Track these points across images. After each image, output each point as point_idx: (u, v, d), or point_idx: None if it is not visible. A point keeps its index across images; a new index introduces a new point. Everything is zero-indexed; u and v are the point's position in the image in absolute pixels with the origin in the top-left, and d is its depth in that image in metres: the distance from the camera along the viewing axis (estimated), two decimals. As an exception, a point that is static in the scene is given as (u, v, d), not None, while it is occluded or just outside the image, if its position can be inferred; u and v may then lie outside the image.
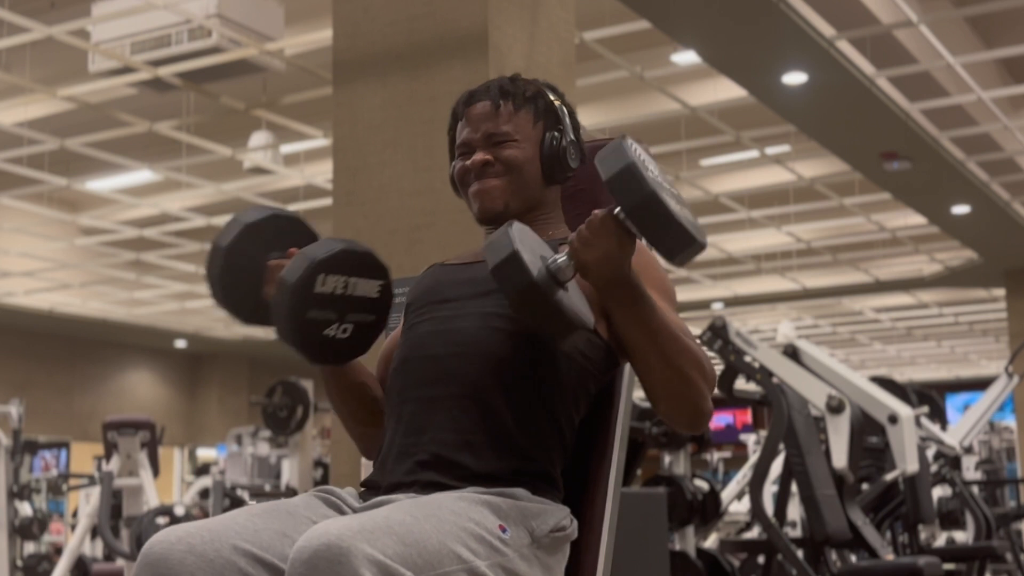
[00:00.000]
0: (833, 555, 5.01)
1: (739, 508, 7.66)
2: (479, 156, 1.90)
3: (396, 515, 1.52)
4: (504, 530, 1.60)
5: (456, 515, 1.57)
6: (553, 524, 1.68)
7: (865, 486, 5.93)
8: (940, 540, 7.22)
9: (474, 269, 1.87)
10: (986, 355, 21.02)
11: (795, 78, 7.66)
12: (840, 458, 4.89)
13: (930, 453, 6.53)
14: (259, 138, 8.84)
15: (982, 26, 8.13)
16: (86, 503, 9.16)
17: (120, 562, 6.41)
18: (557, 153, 1.91)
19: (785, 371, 5.05)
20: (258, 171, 9.65)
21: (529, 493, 1.70)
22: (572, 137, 1.93)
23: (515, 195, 1.90)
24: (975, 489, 7.72)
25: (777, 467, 5.73)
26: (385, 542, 1.44)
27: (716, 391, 5.41)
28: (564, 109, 1.95)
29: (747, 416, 20.78)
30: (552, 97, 1.96)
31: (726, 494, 6.61)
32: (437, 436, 1.73)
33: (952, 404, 16.46)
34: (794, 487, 5.06)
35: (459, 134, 1.96)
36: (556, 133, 1.92)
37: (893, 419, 5.09)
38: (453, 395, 1.75)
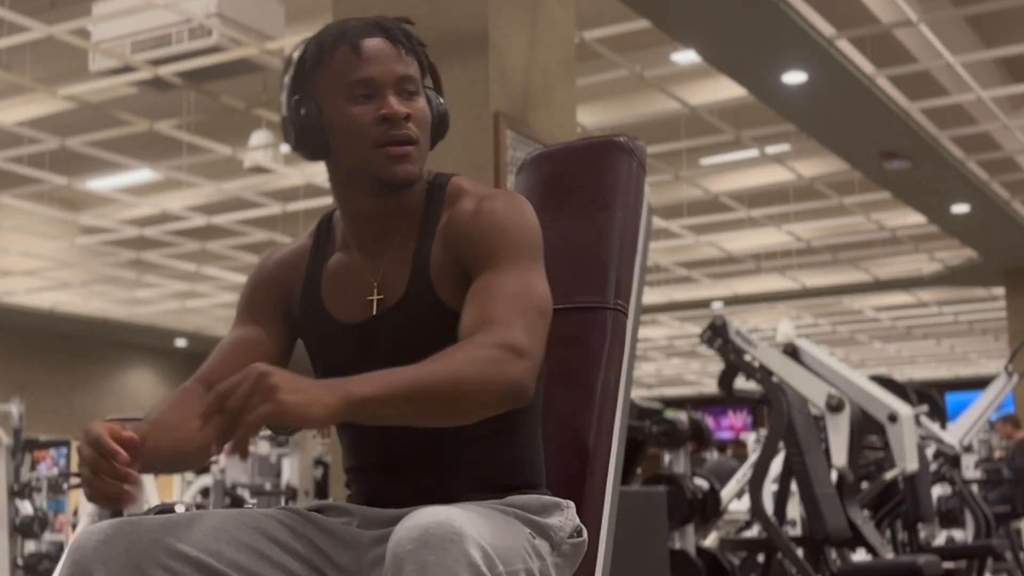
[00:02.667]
0: (833, 554, 5.02)
1: (739, 507, 7.67)
2: (398, 105, 1.63)
3: (478, 509, 1.50)
4: (534, 538, 1.60)
5: (509, 522, 1.56)
6: (570, 529, 1.67)
7: (865, 485, 5.94)
8: (940, 539, 7.22)
9: (372, 342, 1.67)
10: (986, 354, 21.03)
11: (795, 77, 7.66)
12: (840, 457, 4.89)
13: (930, 452, 6.54)
14: (259, 137, 8.85)
15: (982, 25, 8.13)
16: (86, 502, 9.15)
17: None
18: (445, 115, 1.72)
19: (785, 370, 5.05)
20: (258, 170, 9.66)
21: (535, 496, 1.68)
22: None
23: (423, 159, 1.69)
24: (974, 488, 7.73)
25: (777, 466, 5.73)
26: (484, 531, 1.42)
27: (717, 390, 5.37)
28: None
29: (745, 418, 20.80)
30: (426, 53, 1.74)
31: (726, 493, 6.61)
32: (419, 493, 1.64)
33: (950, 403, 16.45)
34: (794, 486, 5.06)
35: (351, 71, 1.64)
36: (437, 92, 1.73)
37: (893, 418, 5.09)
38: (418, 466, 1.67)
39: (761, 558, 5.28)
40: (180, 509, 5.18)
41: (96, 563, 1.49)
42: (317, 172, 9.98)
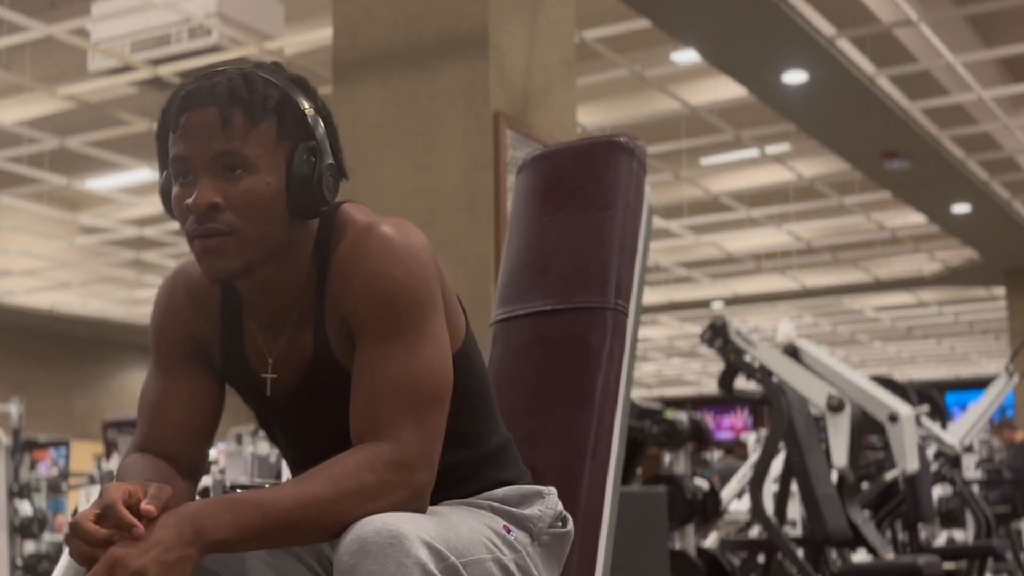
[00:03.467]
0: (833, 554, 5.01)
1: (739, 507, 7.66)
2: (204, 195, 1.44)
3: (438, 508, 1.51)
4: (509, 531, 1.60)
5: (473, 515, 1.57)
6: (550, 518, 1.65)
7: (865, 485, 5.93)
8: (940, 539, 7.21)
9: (297, 423, 1.62)
10: (986, 354, 21.03)
11: (795, 77, 7.66)
12: (840, 457, 4.89)
13: (930, 452, 6.53)
14: (259, 137, 8.84)
15: (982, 25, 8.13)
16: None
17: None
18: (310, 182, 1.48)
19: (785, 370, 5.04)
20: (258, 170, 9.64)
21: (514, 487, 1.65)
22: (331, 159, 1.50)
23: (255, 247, 1.47)
24: (975, 488, 7.72)
25: (777, 466, 5.72)
26: (428, 526, 1.41)
27: (718, 390, 5.36)
28: (319, 117, 1.51)
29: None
30: (303, 101, 1.50)
31: (726, 493, 6.60)
32: None
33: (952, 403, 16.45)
34: (794, 486, 5.06)
35: (172, 145, 1.49)
36: (310, 156, 1.48)
37: (893, 418, 5.08)
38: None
39: (761, 558, 5.28)
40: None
41: None
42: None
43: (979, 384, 11.68)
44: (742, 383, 5.20)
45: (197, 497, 1.57)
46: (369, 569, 1.33)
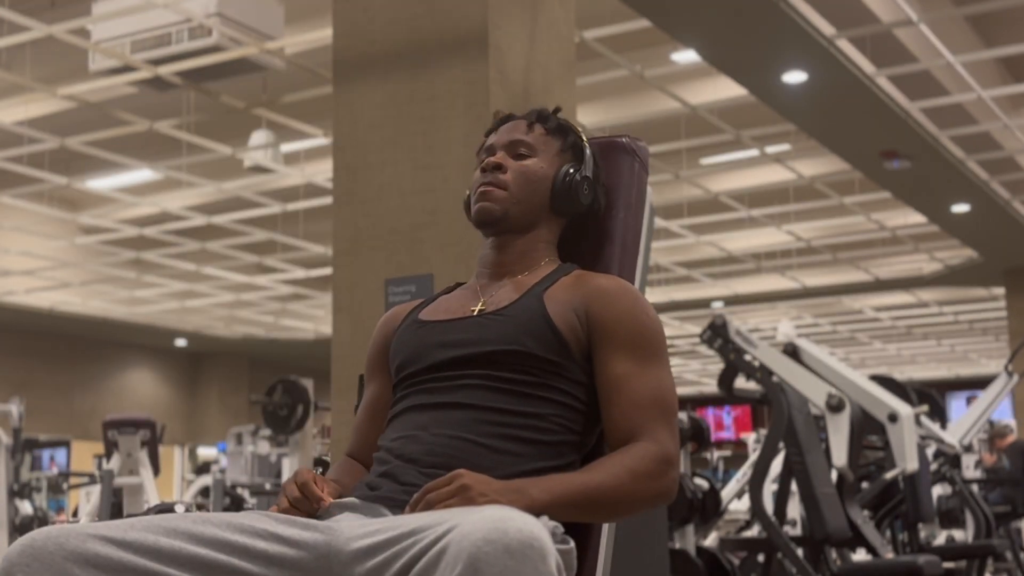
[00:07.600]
0: (833, 554, 5.01)
1: (739, 507, 7.67)
2: (495, 157, 1.93)
3: None
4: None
5: None
6: (560, 535, 1.64)
7: (865, 485, 5.94)
8: (940, 539, 7.22)
9: (461, 329, 1.83)
10: (986, 354, 21.03)
11: (795, 77, 7.66)
12: (840, 456, 4.89)
13: (930, 452, 6.54)
14: (259, 137, 8.84)
15: (982, 25, 8.13)
16: (86, 502, 9.18)
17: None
18: (570, 184, 1.92)
19: (785, 370, 5.05)
20: (258, 170, 9.66)
21: None
22: (589, 175, 1.94)
23: (517, 205, 1.91)
24: (974, 488, 7.72)
25: (777, 466, 5.72)
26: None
27: (718, 389, 5.32)
28: (590, 154, 1.97)
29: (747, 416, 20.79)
30: (582, 142, 1.98)
31: (726, 493, 6.60)
32: (422, 469, 1.72)
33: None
34: (794, 486, 5.06)
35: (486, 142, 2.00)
36: (574, 167, 1.93)
37: (893, 418, 5.09)
38: (440, 435, 1.74)
39: (761, 558, 5.28)
40: (180, 509, 5.18)
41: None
42: (317, 172, 9.97)
43: (979, 384, 11.69)
44: (742, 383, 5.21)
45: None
46: (507, 565, 1.36)
